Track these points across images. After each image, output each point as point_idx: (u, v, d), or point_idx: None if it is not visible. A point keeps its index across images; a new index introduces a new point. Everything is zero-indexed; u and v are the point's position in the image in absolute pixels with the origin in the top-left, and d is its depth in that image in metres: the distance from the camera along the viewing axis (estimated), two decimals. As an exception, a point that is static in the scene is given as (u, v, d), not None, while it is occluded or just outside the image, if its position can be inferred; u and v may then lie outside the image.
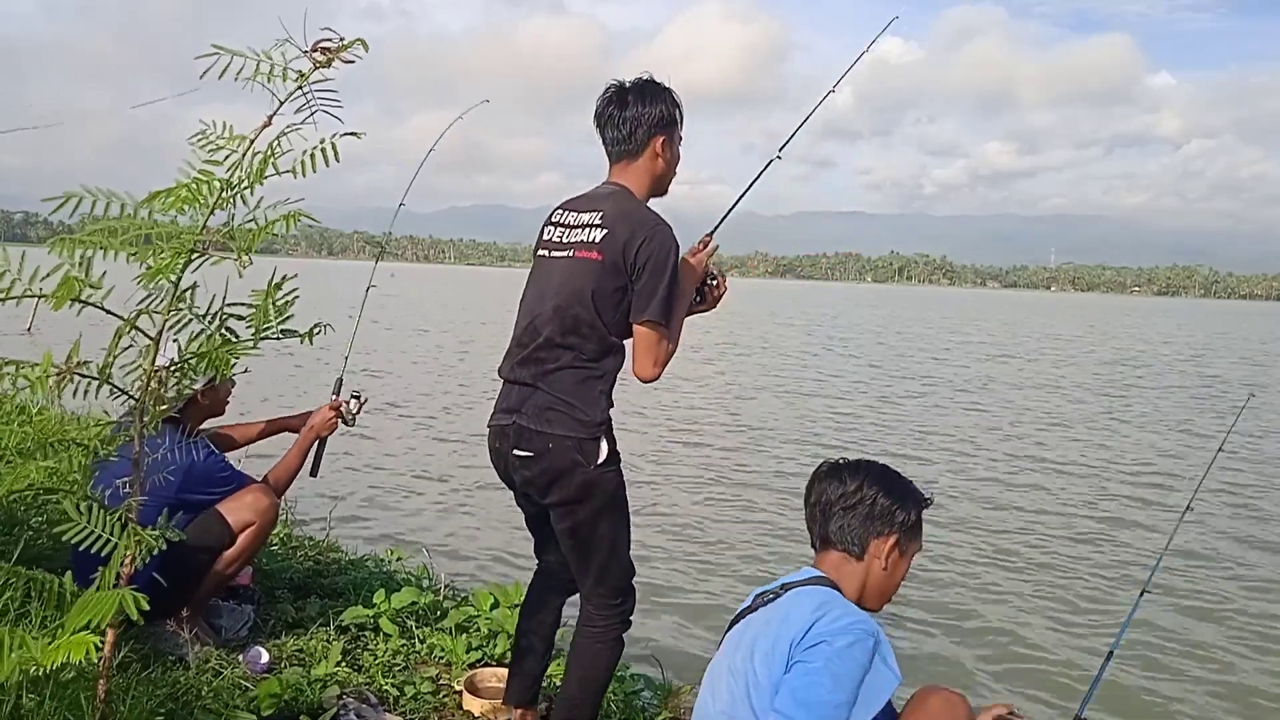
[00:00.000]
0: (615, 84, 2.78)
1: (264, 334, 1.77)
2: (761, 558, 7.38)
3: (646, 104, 2.72)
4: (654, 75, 2.80)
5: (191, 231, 1.57)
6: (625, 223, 2.64)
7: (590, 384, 2.64)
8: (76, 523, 1.74)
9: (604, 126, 2.77)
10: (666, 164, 2.79)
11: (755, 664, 2.02)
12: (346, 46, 1.58)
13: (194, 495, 3.21)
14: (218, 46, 1.52)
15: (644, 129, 2.72)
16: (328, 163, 1.63)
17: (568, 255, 2.70)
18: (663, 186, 2.84)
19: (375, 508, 8.24)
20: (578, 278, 2.65)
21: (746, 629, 2.16)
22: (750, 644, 2.09)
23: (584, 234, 2.69)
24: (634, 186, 2.76)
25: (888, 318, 55.65)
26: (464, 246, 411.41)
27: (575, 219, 2.74)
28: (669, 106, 2.75)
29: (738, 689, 2.03)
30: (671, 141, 2.78)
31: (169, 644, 3.14)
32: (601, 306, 2.63)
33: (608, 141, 2.78)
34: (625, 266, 2.62)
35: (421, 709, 3.20)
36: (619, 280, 2.63)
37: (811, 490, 2.29)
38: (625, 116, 2.72)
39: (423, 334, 28.50)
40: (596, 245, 2.64)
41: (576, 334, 2.64)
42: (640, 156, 2.75)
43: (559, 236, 2.76)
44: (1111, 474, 11.20)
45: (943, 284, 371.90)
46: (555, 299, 2.68)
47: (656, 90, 2.76)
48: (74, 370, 1.52)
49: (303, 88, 1.58)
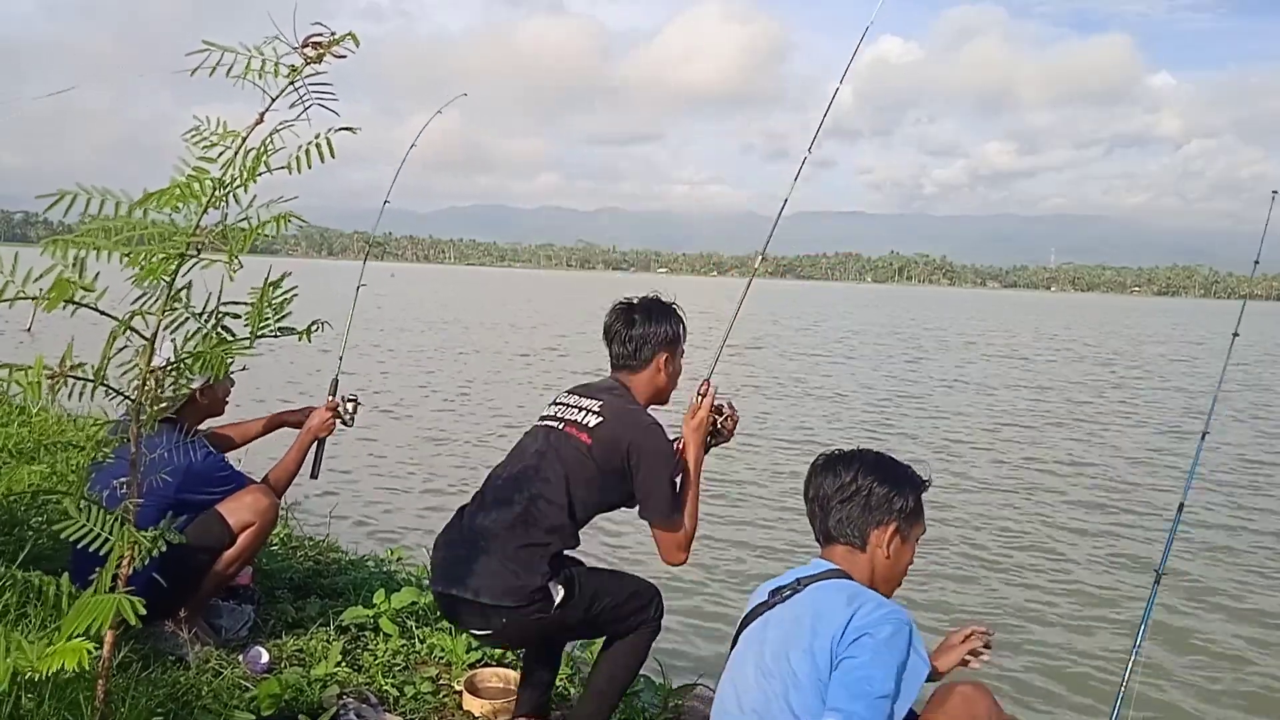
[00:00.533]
0: (625, 302, 2.94)
1: (261, 332, 1.76)
2: (761, 557, 7.38)
3: (653, 324, 2.87)
4: (660, 296, 2.97)
5: (185, 232, 1.56)
6: (621, 421, 2.74)
7: (533, 551, 2.66)
8: (76, 520, 1.74)
9: (611, 340, 2.91)
10: (668, 378, 2.93)
11: (792, 663, 1.99)
12: (337, 41, 1.57)
13: (193, 496, 3.21)
14: (209, 43, 1.51)
15: (649, 347, 2.87)
16: (323, 158, 1.62)
17: (558, 426, 2.80)
18: (663, 398, 2.95)
19: (375, 508, 8.24)
20: (560, 449, 2.73)
21: (768, 626, 2.14)
22: (781, 642, 2.05)
23: (580, 415, 2.79)
24: (635, 392, 2.88)
25: (892, 320, 55.64)
26: (464, 246, 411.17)
27: (577, 402, 2.85)
28: (673, 326, 2.90)
29: (772, 689, 2.00)
30: (674, 357, 2.92)
31: (169, 644, 3.14)
32: (573, 484, 2.70)
33: (614, 354, 2.92)
34: (614, 461, 2.71)
35: (421, 709, 3.19)
36: (599, 469, 2.71)
37: (809, 485, 2.28)
38: (632, 335, 2.87)
39: (423, 334, 28.49)
40: (589, 430, 2.74)
41: (537, 502, 2.68)
42: (644, 371, 2.89)
43: (557, 412, 2.87)
44: (1114, 468, 11.21)
45: (943, 284, 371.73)
46: (532, 460, 2.75)
47: (663, 310, 2.91)
48: (68, 374, 1.51)
49: (295, 83, 1.57)
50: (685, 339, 2.96)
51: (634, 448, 2.70)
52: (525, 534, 2.66)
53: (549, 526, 2.67)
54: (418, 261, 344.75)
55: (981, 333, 42.61)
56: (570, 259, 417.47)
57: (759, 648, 2.11)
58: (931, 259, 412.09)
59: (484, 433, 12.22)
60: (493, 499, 2.76)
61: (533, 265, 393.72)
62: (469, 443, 11.56)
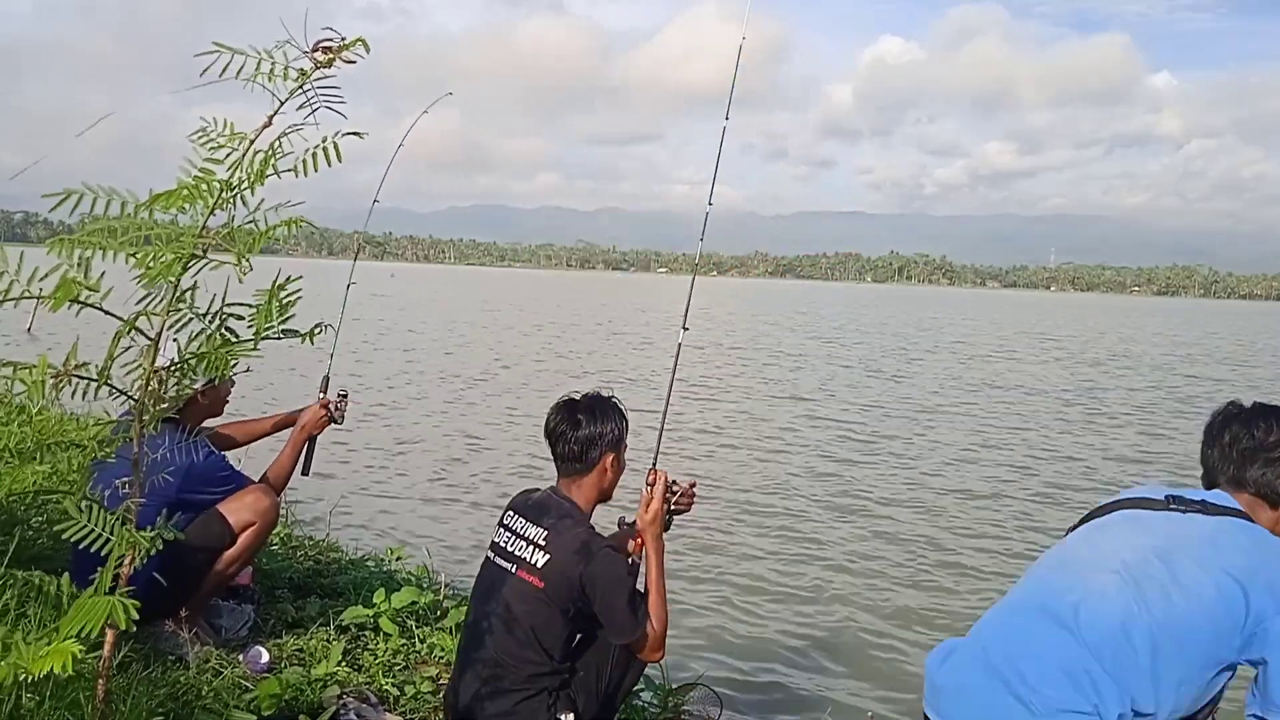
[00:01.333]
0: (567, 401, 2.92)
1: (265, 334, 1.76)
2: (760, 557, 7.38)
3: (597, 424, 2.85)
4: (601, 391, 2.94)
5: (191, 233, 1.56)
6: (568, 556, 2.72)
7: (530, 703, 2.70)
8: (77, 521, 1.74)
9: (555, 442, 2.89)
10: (615, 475, 2.93)
11: (1181, 576, 1.95)
12: (348, 46, 1.58)
13: (194, 495, 3.21)
14: (219, 45, 1.51)
15: (596, 449, 2.85)
16: (329, 163, 1.62)
17: (510, 570, 2.79)
18: (608, 496, 2.96)
19: (375, 508, 8.24)
20: (520, 604, 2.73)
21: (1153, 529, 2.08)
22: (1173, 552, 2.00)
23: (528, 552, 2.77)
24: (582, 501, 2.87)
25: (900, 322, 55.63)
26: (464, 246, 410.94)
27: (522, 527, 2.83)
28: (618, 423, 2.89)
29: (1150, 594, 1.95)
30: (619, 456, 2.91)
31: (169, 644, 3.14)
32: (540, 632, 2.71)
33: (559, 456, 2.90)
34: (571, 595, 2.71)
35: (421, 709, 3.20)
36: (559, 606, 2.72)
37: (1228, 428, 2.22)
38: (578, 436, 2.84)
39: (421, 334, 28.50)
40: (538, 570, 2.73)
41: (517, 662, 2.70)
42: (590, 474, 2.87)
43: (506, 543, 2.85)
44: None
45: (942, 284, 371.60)
46: (497, 615, 2.75)
47: (606, 408, 2.90)
48: (71, 373, 1.51)
49: (304, 87, 1.57)
50: (628, 433, 2.94)
51: (586, 579, 2.69)
52: (519, 692, 2.70)
53: (533, 674, 2.71)
54: (418, 261, 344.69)
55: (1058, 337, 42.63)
56: (570, 259, 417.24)
57: (1135, 544, 2.06)
58: (931, 259, 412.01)
59: (486, 433, 12.23)
60: (476, 660, 2.77)
61: (533, 265, 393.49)
62: (469, 442, 11.56)
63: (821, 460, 11.34)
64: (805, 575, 7.02)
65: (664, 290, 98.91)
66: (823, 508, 9.04)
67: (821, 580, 6.92)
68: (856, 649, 5.72)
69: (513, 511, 2.92)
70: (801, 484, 10.01)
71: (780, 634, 5.90)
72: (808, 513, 8.82)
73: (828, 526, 8.39)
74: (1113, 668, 1.92)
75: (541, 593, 2.71)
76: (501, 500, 3.01)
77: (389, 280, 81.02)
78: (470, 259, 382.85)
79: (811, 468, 10.87)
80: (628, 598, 2.72)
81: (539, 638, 2.71)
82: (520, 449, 11.02)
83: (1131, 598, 1.96)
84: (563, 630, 2.74)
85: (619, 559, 2.76)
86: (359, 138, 1.63)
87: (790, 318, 50.49)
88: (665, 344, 24.48)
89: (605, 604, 2.70)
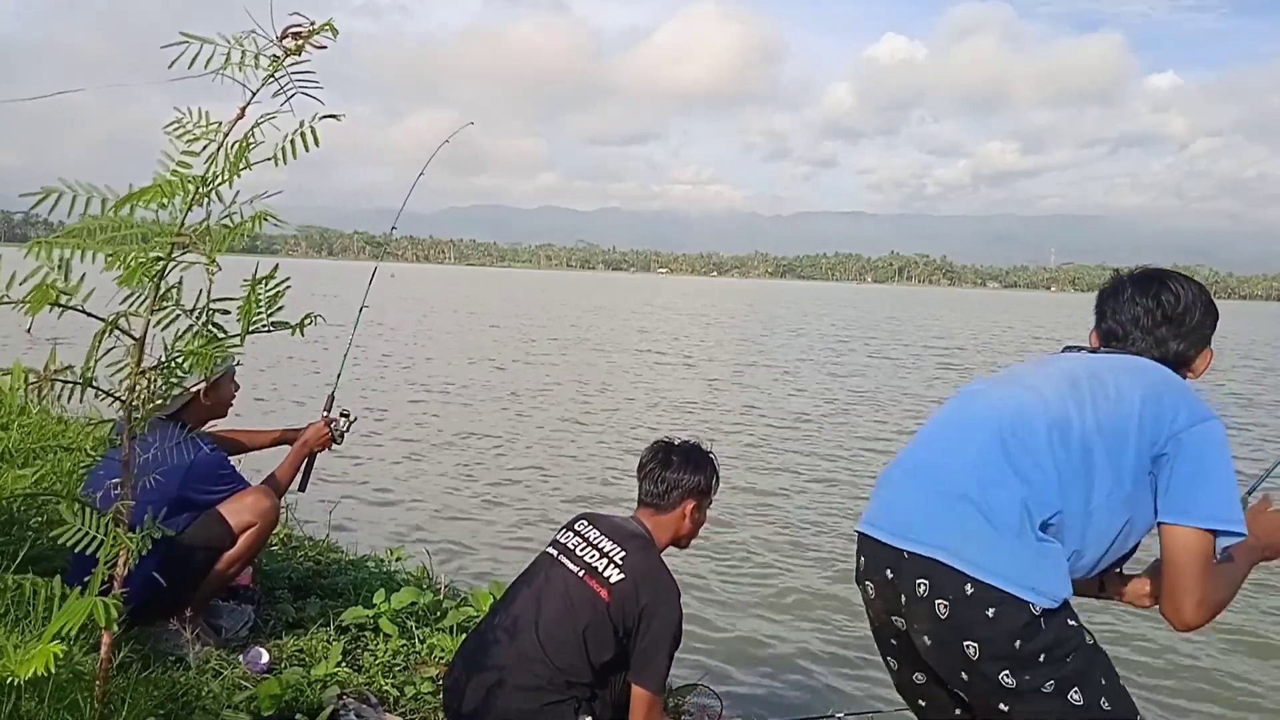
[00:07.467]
0: (665, 443, 2.97)
1: (253, 328, 1.74)
2: (759, 555, 7.38)
3: (688, 471, 2.89)
4: (701, 442, 2.99)
5: (168, 231, 1.54)
6: (643, 583, 2.72)
7: (555, 709, 2.66)
8: (71, 525, 1.73)
9: (644, 477, 2.92)
10: (693, 526, 2.94)
11: (1109, 389, 2.07)
12: (316, 31, 1.55)
13: (196, 493, 3.21)
14: (186, 35, 1.48)
15: (679, 492, 2.88)
16: (307, 148, 1.59)
17: (577, 574, 2.77)
18: (683, 544, 2.98)
19: (374, 508, 8.23)
20: (578, 609, 2.71)
21: (1075, 360, 2.21)
22: (1099, 372, 2.13)
23: (601, 563, 2.77)
24: (658, 536, 2.89)
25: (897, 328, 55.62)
26: (464, 246, 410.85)
27: (597, 539, 2.83)
28: (707, 476, 2.93)
29: (1084, 403, 2.05)
30: (701, 507, 2.94)
31: (169, 644, 3.14)
32: (592, 645, 2.70)
33: (644, 491, 2.92)
34: (628, 622, 2.70)
35: (421, 709, 3.19)
36: (615, 624, 2.71)
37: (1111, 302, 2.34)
38: (666, 476, 2.88)
39: (421, 333, 28.49)
40: (610, 585, 2.72)
41: (556, 659, 2.67)
42: (669, 514, 2.89)
43: (575, 546, 2.84)
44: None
45: (943, 284, 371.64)
46: (553, 609, 2.72)
47: (700, 459, 2.93)
48: (53, 377, 1.49)
49: (276, 74, 1.55)
50: (717, 490, 2.97)
51: (648, 612, 2.69)
52: (547, 693, 2.66)
53: (571, 680, 2.68)
54: (417, 262, 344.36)
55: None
56: (570, 259, 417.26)
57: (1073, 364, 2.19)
58: (932, 259, 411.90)
59: (489, 432, 12.22)
60: (510, 645, 2.71)
61: (532, 265, 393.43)
62: (469, 442, 11.56)
63: (822, 461, 11.33)
64: (806, 575, 7.02)
65: (664, 288, 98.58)
66: (823, 508, 9.04)
67: (822, 580, 6.91)
68: (857, 649, 5.71)
69: (586, 521, 2.92)
70: (802, 484, 10.01)
71: (781, 635, 5.90)
72: (808, 512, 8.82)
73: (828, 526, 8.39)
74: (1048, 467, 2.00)
75: (605, 606, 2.70)
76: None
77: (390, 280, 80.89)
78: (470, 259, 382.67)
79: (812, 468, 10.87)
80: (671, 650, 2.73)
81: (588, 646, 2.69)
82: (522, 449, 11.01)
83: (1072, 405, 2.07)
84: (611, 647, 2.73)
85: (680, 613, 2.77)
86: (336, 120, 1.59)
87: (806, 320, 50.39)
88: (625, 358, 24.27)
89: (653, 645, 2.70)
